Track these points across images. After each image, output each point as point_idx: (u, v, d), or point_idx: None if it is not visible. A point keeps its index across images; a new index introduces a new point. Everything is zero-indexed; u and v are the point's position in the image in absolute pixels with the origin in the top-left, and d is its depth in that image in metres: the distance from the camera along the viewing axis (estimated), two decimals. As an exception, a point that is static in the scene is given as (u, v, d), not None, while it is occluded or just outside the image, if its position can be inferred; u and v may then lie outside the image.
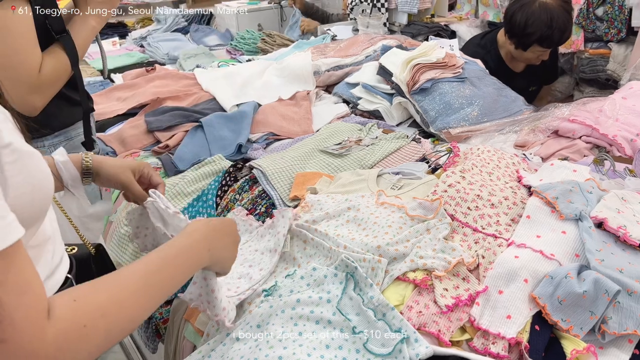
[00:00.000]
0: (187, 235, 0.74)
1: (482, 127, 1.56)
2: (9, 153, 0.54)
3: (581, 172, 1.16)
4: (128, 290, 0.62)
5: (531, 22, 2.01)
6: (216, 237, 0.78)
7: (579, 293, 0.81)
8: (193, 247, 0.73)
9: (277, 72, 2.09)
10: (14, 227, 0.51)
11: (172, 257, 0.69)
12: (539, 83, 2.40)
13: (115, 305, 0.60)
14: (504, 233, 1.00)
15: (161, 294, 0.67)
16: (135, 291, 0.62)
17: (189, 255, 0.72)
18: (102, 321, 0.58)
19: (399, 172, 1.27)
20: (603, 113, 1.49)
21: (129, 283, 0.63)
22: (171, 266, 0.68)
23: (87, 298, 0.58)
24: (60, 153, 0.97)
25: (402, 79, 1.69)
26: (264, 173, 1.36)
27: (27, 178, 0.58)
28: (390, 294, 0.88)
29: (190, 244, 0.73)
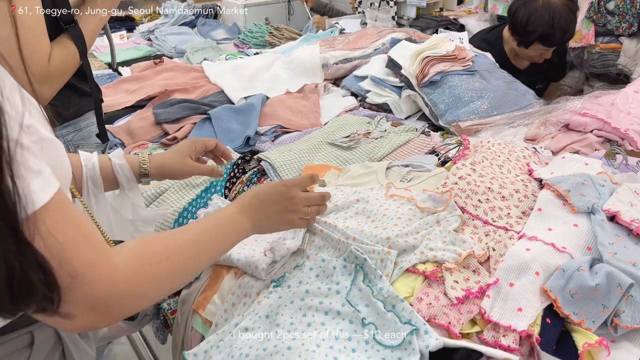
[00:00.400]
0: (234, 205, 0.83)
1: (492, 121, 1.55)
2: (29, 132, 0.55)
3: (593, 165, 1.15)
4: (187, 242, 0.69)
5: (533, 20, 1.99)
6: (261, 207, 0.84)
7: (591, 286, 0.80)
8: (236, 216, 0.81)
9: (285, 65, 2.08)
10: (53, 179, 0.52)
11: (217, 224, 0.77)
12: (545, 81, 2.38)
13: (177, 251, 0.66)
14: (515, 226, 0.99)
15: (211, 251, 0.74)
16: (192, 244, 0.70)
17: (232, 224, 0.80)
18: (167, 264, 0.63)
19: (409, 164, 1.27)
20: (615, 106, 1.48)
21: (187, 237, 0.70)
22: (220, 229, 0.77)
23: (154, 242, 0.64)
24: (117, 155, 0.99)
25: (411, 71, 1.68)
26: (272, 165, 1.35)
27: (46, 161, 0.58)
28: (399, 286, 0.88)
29: (234, 213, 0.81)
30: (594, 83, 2.98)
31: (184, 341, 1.08)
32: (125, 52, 2.90)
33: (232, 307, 0.96)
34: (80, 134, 1.32)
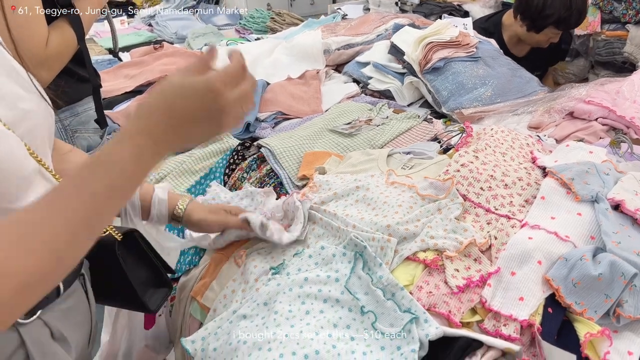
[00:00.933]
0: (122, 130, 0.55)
1: (496, 108, 1.53)
2: None
3: (597, 153, 1.13)
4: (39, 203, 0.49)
5: (550, 4, 1.95)
6: (173, 126, 0.56)
7: (594, 276, 0.79)
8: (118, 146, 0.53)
9: (286, 51, 2.06)
10: None
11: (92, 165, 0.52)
12: (544, 66, 2.36)
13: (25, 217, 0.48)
14: (518, 214, 0.97)
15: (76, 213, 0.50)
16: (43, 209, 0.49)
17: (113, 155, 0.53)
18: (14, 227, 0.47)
19: (410, 151, 1.25)
20: (620, 94, 1.45)
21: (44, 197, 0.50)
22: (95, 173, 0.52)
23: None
24: (163, 189, 0.99)
25: (414, 58, 1.65)
26: (272, 152, 1.34)
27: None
28: (399, 274, 0.86)
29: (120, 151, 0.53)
30: (599, 71, 2.94)
31: (182, 328, 1.08)
32: (126, 38, 2.88)
33: (231, 294, 0.95)
34: (78, 119, 1.31)
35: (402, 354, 0.74)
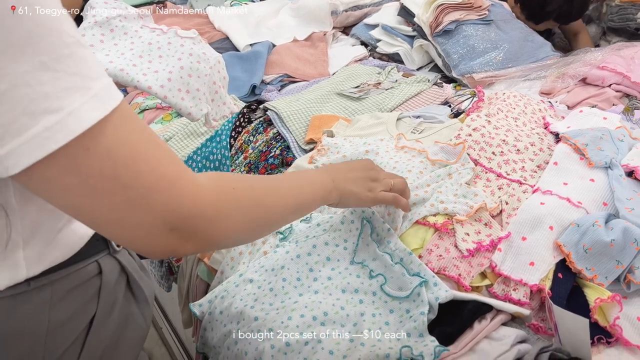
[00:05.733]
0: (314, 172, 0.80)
1: (507, 73, 1.49)
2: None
3: (611, 119, 1.11)
4: (268, 180, 0.65)
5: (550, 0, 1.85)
6: (341, 169, 0.79)
7: (606, 242, 0.78)
8: (316, 173, 0.77)
9: (292, 12, 2.00)
10: (115, 88, 0.46)
11: (297, 175, 0.78)
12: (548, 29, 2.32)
13: (259, 183, 0.61)
14: (529, 179, 0.96)
15: (292, 196, 0.66)
16: (274, 183, 0.65)
17: (313, 176, 0.75)
18: (250, 191, 0.58)
19: (420, 115, 1.23)
20: (636, 60, 1.42)
21: (268, 177, 0.67)
22: (301, 179, 0.73)
23: (233, 174, 0.60)
24: None
25: (424, 20, 1.61)
26: (279, 115, 1.32)
27: None
28: (409, 238, 0.86)
29: (313, 171, 0.80)
30: (610, 38, 2.87)
31: (189, 289, 1.08)
32: None
33: (238, 256, 0.95)
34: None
35: (411, 317, 0.74)
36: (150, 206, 0.45)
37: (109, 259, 0.63)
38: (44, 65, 0.39)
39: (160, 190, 0.45)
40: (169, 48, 0.86)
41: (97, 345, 0.59)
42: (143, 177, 0.44)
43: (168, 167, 0.46)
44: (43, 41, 0.39)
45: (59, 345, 0.55)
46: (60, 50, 0.40)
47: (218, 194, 0.51)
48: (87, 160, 0.41)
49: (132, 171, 0.43)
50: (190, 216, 0.47)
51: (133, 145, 0.44)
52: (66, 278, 0.56)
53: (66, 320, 0.56)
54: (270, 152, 1.24)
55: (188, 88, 0.82)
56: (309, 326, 0.71)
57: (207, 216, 0.49)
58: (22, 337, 0.53)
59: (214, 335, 0.81)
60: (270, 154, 1.23)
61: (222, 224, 0.51)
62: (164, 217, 0.46)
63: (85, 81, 0.41)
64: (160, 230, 0.46)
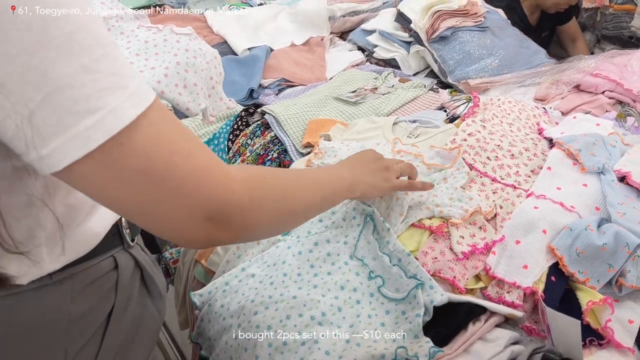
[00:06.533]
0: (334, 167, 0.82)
1: (502, 79, 1.51)
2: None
3: (604, 126, 1.13)
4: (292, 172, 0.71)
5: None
6: (357, 162, 0.82)
7: (598, 245, 0.80)
8: (335, 167, 0.81)
9: (290, 17, 2.02)
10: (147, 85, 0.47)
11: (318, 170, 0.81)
12: (552, 27, 2.35)
13: (285, 176, 0.64)
14: (524, 184, 0.97)
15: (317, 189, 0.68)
16: (297, 176, 0.68)
17: (333, 170, 0.78)
18: (277, 182, 0.59)
19: (416, 120, 1.24)
20: (628, 68, 1.44)
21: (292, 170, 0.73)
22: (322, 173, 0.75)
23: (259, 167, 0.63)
24: None
25: (421, 26, 1.63)
26: (276, 118, 1.33)
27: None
28: (405, 240, 0.87)
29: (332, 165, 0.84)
30: (605, 46, 2.91)
31: (186, 291, 1.09)
32: (126, 1, 2.82)
33: (236, 259, 0.95)
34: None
35: (406, 319, 0.75)
36: (187, 197, 0.46)
37: (124, 254, 0.64)
38: (84, 67, 0.41)
39: (195, 181, 0.47)
40: (165, 45, 0.87)
41: (116, 338, 0.60)
42: (178, 169, 0.46)
43: (201, 159, 0.48)
44: (82, 44, 0.41)
45: (79, 337, 0.57)
46: (98, 51, 0.42)
47: (250, 184, 0.53)
48: (124, 155, 0.43)
49: (167, 164, 0.45)
50: (225, 205, 0.49)
51: (167, 139, 0.46)
52: (85, 272, 0.58)
53: (86, 313, 0.57)
54: (268, 156, 1.25)
55: (185, 83, 0.83)
56: (306, 326, 0.72)
57: (241, 205, 0.51)
58: (45, 330, 0.54)
59: (211, 328, 0.82)
60: (268, 157, 1.24)
61: (255, 213, 0.53)
62: (200, 207, 0.47)
63: (122, 80, 0.43)
64: (197, 220, 0.48)
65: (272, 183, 0.57)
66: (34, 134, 0.40)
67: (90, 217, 0.58)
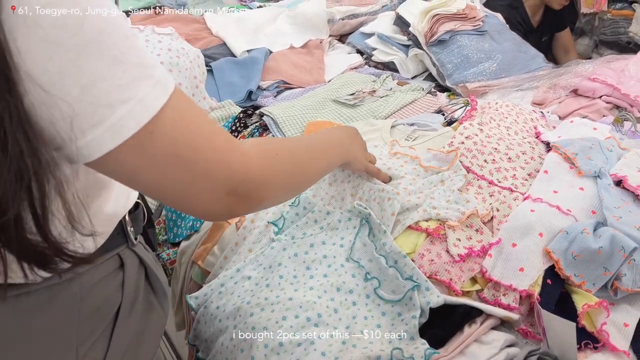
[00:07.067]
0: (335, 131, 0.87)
1: (500, 83, 1.52)
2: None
3: (601, 130, 1.13)
4: (303, 144, 0.73)
5: None
6: (350, 134, 0.88)
7: (594, 249, 0.80)
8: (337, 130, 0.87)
9: (289, 20, 2.02)
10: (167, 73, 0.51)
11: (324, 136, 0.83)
12: (551, 32, 2.37)
13: (297, 149, 0.68)
14: (520, 187, 0.98)
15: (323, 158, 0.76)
16: (308, 146, 0.73)
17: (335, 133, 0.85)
18: (290, 156, 0.65)
19: (414, 123, 1.24)
20: (626, 73, 1.45)
21: (303, 141, 0.74)
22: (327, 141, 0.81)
23: (272, 139, 0.70)
24: None
25: (419, 29, 1.63)
26: (274, 120, 1.33)
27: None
28: (401, 243, 0.87)
29: (335, 128, 0.89)
30: (602, 51, 2.92)
31: (182, 291, 1.09)
32: (125, 2, 2.82)
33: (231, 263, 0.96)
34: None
35: (402, 320, 0.75)
36: (210, 176, 0.51)
37: (129, 252, 0.65)
38: (115, 59, 0.43)
39: (216, 162, 0.51)
40: (147, 45, 0.87)
41: (124, 335, 0.61)
42: (201, 151, 0.50)
43: (219, 140, 0.52)
44: (111, 37, 0.43)
45: (89, 335, 0.57)
46: (124, 43, 0.44)
47: (263, 160, 0.58)
48: (153, 142, 0.46)
49: (191, 148, 0.49)
50: (243, 181, 0.54)
51: (189, 124, 0.49)
52: (92, 271, 0.58)
53: (95, 311, 0.58)
54: (266, 157, 1.25)
55: None
56: (302, 327, 0.72)
57: (257, 180, 0.56)
58: (57, 328, 0.55)
59: (207, 329, 0.82)
60: (266, 158, 1.25)
61: (270, 186, 0.58)
62: (222, 184, 0.52)
63: (147, 70, 0.46)
64: (220, 195, 0.53)
65: (284, 157, 0.63)
66: (73, 126, 0.42)
67: (95, 218, 0.59)
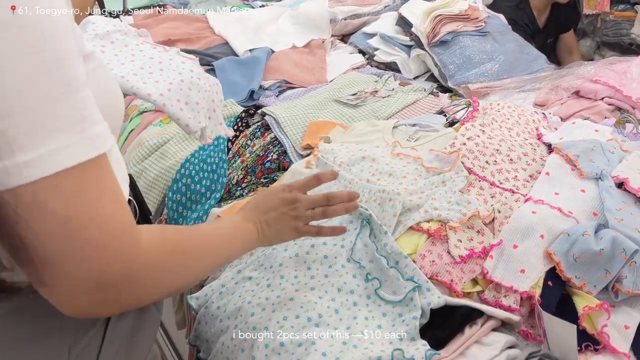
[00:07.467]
0: (239, 214, 0.77)
1: (502, 84, 1.52)
2: (91, 60, 0.53)
3: (603, 132, 1.13)
4: (202, 244, 0.64)
5: None
6: (262, 214, 0.76)
7: (595, 251, 0.80)
8: (242, 224, 0.74)
9: (292, 19, 2.03)
10: (108, 134, 0.48)
11: (230, 232, 0.72)
12: (556, 33, 2.37)
13: (193, 249, 0.61)
14: (522, 189, 0.98)
15: (220, 257, 0.68)
16: (206, 246, 0.65)
17: (241, 231, 0.73)
18: (182, 258, 0.58)
19: (416, 124, 1.24)
20: (628, 75, 1.45)
21: (203, 239, 0.65)
22: (230, 236, 0.71)
23: (173, 233, 0.60)
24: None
25: (422, 30, 1.63)
26: (276, 120, 1.33)
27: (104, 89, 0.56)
28: (403, 244, 0.87)
29: (240, 221, 0.75)
30: (605, 52, 2.92)
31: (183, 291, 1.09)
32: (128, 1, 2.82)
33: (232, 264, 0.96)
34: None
35: (403, 321, 0.75)
36: (88, 258, 0.46)
37: None
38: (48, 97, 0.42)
39: (101, 244, 0.46)
40: (170, 63, 0.88)
41: (117, 335, 0.60)
42: (91, 227, 0.46)
43: (116, 223, 0.48)
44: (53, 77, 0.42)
45: (83, 336, 0.57)
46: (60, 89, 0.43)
47: (155, 257, 0.53)
48: (52, 197, 0.43)
49: (84, 219, 0.45)
50: (121, 277, 0.48)
51: (95, 196, 0.46)
52: None
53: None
54: (267, 157, 1.25)
55: (187, 100, 0.84)
56: (303, 327, 0.73)
57: (138, 278, 0.50)
58: (51, 330, 0.54)
59: (208, 330, 0.82)
60: (267, 158, 1.25)
61: (149, 285, 0.53)
62: (96, 272, 0.47)
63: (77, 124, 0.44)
64: (88, 286, 0.47)
65: (177, 256, 0.57)
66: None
67: None
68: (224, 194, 1.20)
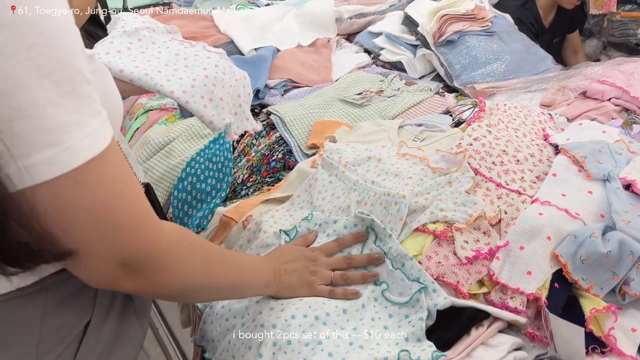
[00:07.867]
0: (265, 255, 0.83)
1: (508, 84, 1.51)
2: (92, 62, 0.55)
3: (610, 133, 1.13)
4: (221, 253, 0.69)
5: None
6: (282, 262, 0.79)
7: (602, 253, 0.80)
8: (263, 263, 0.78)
9: (297, 18, 2.02)
10: (107, 121, 0.49)
11: (250, 263, 0.77)
12: (562, 34, 2.37)
13: (213, 250, 0.65)
14: (528, 190, 0.97)
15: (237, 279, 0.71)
16: (225, 259, 0.68)
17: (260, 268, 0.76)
18: (203, 253, 0.61)
19: (422, 124, 1.24)
20: (635, 75, 1.44)
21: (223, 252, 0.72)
22: (250, 266, 0.75)
23: (192, 233, 0.63)
24: None
25: (428, 29, 1.63)
26: (282, 119, 1.33)
27: (104, 90, 0.58)
28: (408, 245, 0.87)
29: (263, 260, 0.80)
30: (611, 53, 2.90)
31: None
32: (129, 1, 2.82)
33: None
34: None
35: (409, 322, 0.75)
36: (114, 241, 0.49)
37: None
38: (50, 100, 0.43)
39: (126, 228, 0.49)
40: (195, 59, 0.87)
41: (91, 351, 0.59)
42: (114, 213, 0.48)
43: (138, 208, 0.51)
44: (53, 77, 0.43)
45: (53, 348, 0.55)
46: (65, 87, 0.44)
47: (176, 243, 0.56)
48: (73, 193, 0.45)
49: (107, 207, 0.47)
50: (145, 257, 0.52)
51: (114, 184, 0.48)
52: (60, 284, 0.56)
53: (59, 326, 0.56)
54: (273, 156, 1.25)
55: (212, 96, 0.83)
56: (311, 326, 0.73)
57: (160, 260, 0.53)
58: (14, 342, 0.53)
59: (214, 329, 0.82)
60: (273, 157, 1.25)
61: (169, 271, 0.55)
62: (121, 252, 0.50)
63: (84, 118, 0.46)
64: (113, 263, 0.50)
65: (197, 252, 0.60)
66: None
67: None
68: (229, 193, 1.20)
